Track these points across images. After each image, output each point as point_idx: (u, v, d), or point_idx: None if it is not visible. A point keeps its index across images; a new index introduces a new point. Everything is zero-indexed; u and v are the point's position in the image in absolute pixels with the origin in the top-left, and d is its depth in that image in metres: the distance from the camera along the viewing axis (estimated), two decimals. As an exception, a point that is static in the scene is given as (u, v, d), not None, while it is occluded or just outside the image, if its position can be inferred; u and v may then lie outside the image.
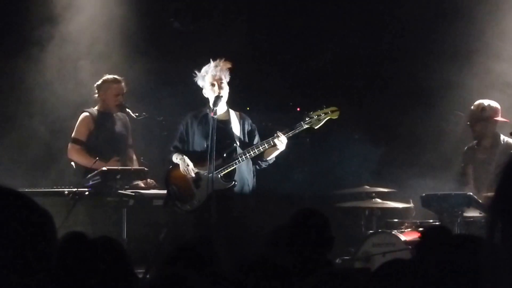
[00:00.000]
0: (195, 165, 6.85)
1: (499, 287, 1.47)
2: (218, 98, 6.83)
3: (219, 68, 6.89)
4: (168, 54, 8.78)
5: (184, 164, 6.87)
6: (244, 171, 6.90)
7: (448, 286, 2.25)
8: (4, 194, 1.71)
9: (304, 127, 6.80)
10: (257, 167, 7.00)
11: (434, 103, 8.40)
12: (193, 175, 6.84)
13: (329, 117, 6.85)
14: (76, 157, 7.38)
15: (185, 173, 6.86)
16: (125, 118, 7.62)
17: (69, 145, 7.46)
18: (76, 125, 7.49)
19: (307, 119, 6.79)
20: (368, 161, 8.54)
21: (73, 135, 7.47)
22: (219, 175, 6.73)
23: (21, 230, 1.66)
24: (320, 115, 6.82)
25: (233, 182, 6.79)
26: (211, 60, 6.93)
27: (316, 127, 6.84)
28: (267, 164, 6.98)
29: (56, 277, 1.74)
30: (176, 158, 6.96)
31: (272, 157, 6.88)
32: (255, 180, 7.02)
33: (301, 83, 9.03)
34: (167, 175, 7.01)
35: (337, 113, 6.89)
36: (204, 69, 6.92)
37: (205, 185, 6.75)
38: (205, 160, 6.72)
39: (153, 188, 7.25)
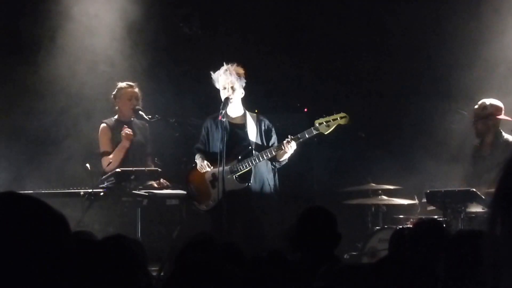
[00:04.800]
0: (213, 167, 7.06)
1: (499, 279, 1.51)
2: (227, 100, 7.02)
3: (228, 72, 7.07)
4: (178, 58, 8.90)
5: (200, 161, 7.15)
6: (263, 171, 7.11)
7: (442, 279, 2.34)
8: (20, 201, 1.77)
9: (314, 133, 6.92)
10: (272, 166, 7.21)
11: (439, 102, 8.51)
12: (208, 169, 7.06)
13: (338, 123, 6.94)
14: (113, 165, 7.33)
15: (201, 169, 7.10)
16: (145, 126, 7.74)
17: (102, 160, 7.55)
18: (99, 139, 7.64)
19: (317, 124, 6.91)
20: (373, 159, 8.65)
21: (100, 149, 7.62)
22: (234, 177, 6.95)
23: (37, 235, 1.70)
24: (330, 121, 6.92)
25: (247, 183, 7.00)
26: (224, 63, 7.11)
27: (326, 133, 6.94)
28: (280, 165, 7.17)
29: (73, 279, 1.76)
30: (196, 158, 7.24)
31: (284, 158, 7.06)
32: (276, 178, 7.23)
33: (309, 84, 9.13)
34: (187, 175, 7.26)
35: (346, 119, 6.96)
36: (217, 72, 7.12)
37: (219, 185, 6.96)
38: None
39: (166, 188, 7.39)
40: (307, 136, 6.92)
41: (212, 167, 7.08)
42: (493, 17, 8.27)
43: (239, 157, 7.01)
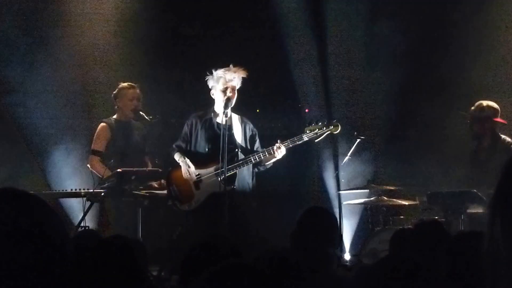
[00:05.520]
0: (195, 167, 7.04)
1: (499, 279, 1.55)
2: (228, 100, 6.99)
3: (237, 74, 7.05)
4: (179, 59, 8.90)
5: (186, 167, 7.06)
6: (245, 175, 7.08)
7: (444, 279, 2.35)
8: (16, 196, 1.78)
9: (305, 140, 6.97)
10: (256, 170, 7.19)
11: (441, 102, 8.51)
12: (195, 178, 7.03)
13: (329, 132, 7.03)
14: (96, 168, 7.42)
15: (187, 176, 7.05)
16: (143, 126, 7.76)
17: (90, 156, 7.60)
18: (95, 136, 7.63)
19: (308, 131, 6.96)
20: (374, 160, 8.66)
21: (92, 146, 7.62)
22: (219, 179, 6.87)
23: (31, 231, 1.71)
24: (322, 129, 6.99)
25: (232, 186, 6.94)
26: (231, 65, 7.09)
27: (316, 141, 7.02)
28: (265, 168, 7.19)
29: (70, 275, 1.77)
30: (178, 158, 7.14)
31: (270, 163, 7.08)
32: (254, 181, 7.20)
33: (310, 85, 9.13)
34: (168, 175, 7.19)
35: (338, 128, 7.06)
36: (221, 71, 7.07)
37: (204, 187, 6.94)
38: (206, 163, 6.92)
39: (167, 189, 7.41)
40: (297, 142, 6.97)
41: (196, 171, 7.04)
42: (497, 14, 8.27)
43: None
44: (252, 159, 6.96)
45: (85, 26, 8.62)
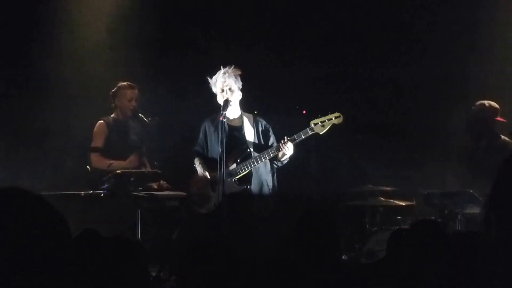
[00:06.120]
0: (212, 170, 7.10)
1: (496, 277, 1.65)
2: (226, 102, 7.04)
3: (227, 75, 7.11)
4: (179, 60, 8.91)
5: (201, 170, 7.18)
6: (262, 173, 7.14)
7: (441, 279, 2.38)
8: (20, 196, 1.82)
9: (310, 133, 6.99)
10: (275, 165, 7.25)
11: (438, 103, 8.54)
12: (210, 180, 7.10)
13: (332, 123, 7.03)
14: (99, 164, 7.50)
15: (203, 179, 7.13)
16: (139, 127, 7.78)
17: (91, 155, 7.64)
18: (93, 134, 7.69)
19: (312, 125, 6.99)
20: (371, 160, 8.69)
21: (92, 144, 7.67)
22: (234, 179, 6.97)
23: (35, 230, 1.75)
24: (324, 121, 7.01)
25: (246, 186, 7.03)
26: (221, 67, 7.16)
27: (321, 133, 7.02)
28: (282, 164, 7.21)
29: (72, 275, 1.80)
30: (196, 162, 7.26)
31: (285, 158, 7.11)
32: (275, 179, 7.26)
33: (307, 86, 9.15)
34: (189, 178, 7.28)
35: (341, 118, 7.05)
36: (214, 76, 7.15)
37: (219, 189, 7.00)
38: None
39: (166, 190, 7.42)
40: (303, 136, 6.99)
41: (212, 173, 7.12)
42: (496, 13, 8.31)
43: (238, 160, 7.05)
44: (263, 158, 7.02)
45: (81, 23, 8.62)
